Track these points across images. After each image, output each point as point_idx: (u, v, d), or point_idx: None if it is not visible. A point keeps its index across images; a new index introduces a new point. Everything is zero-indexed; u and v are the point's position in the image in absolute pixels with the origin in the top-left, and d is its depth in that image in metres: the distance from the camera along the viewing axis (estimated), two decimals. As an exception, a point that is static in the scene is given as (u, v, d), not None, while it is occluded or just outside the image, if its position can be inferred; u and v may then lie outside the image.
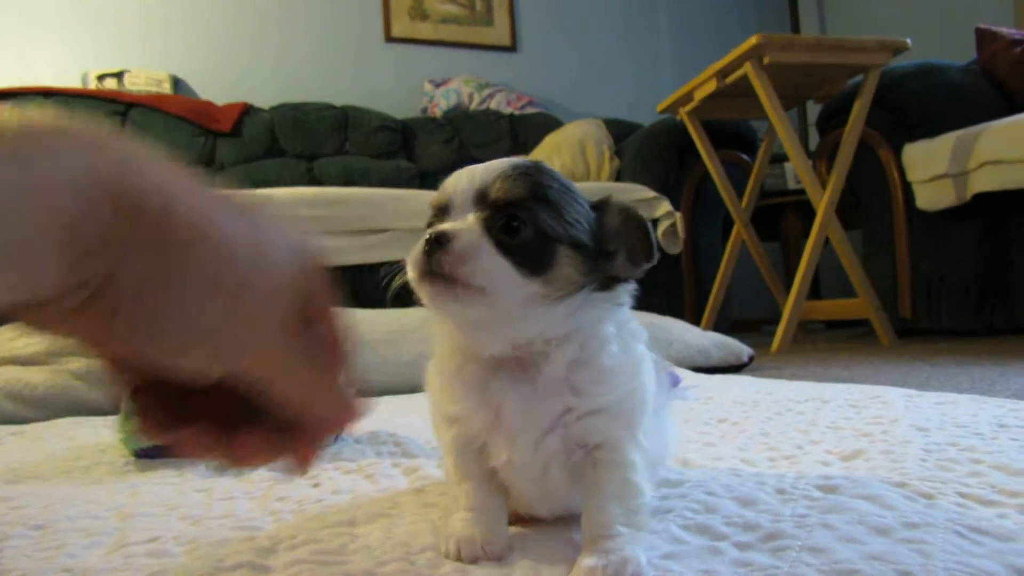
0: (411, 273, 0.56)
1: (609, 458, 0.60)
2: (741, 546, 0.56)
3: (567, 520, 0.66)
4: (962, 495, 0.66)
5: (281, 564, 0.55)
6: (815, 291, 4.83)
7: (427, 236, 0.55)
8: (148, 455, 1.03)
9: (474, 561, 0.55)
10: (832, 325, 4.85)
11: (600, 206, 0.61)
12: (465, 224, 0.56)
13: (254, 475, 0.90)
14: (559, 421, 0.60)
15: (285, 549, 0.58)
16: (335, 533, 0.62)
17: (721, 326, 3.42)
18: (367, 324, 1.98)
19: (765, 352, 2.84)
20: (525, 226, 0.56)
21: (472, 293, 0.55)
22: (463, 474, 0.63)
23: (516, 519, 0.67)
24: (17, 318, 0.37)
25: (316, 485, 0.83)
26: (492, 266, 0.55)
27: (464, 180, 0.59)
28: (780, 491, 0.69)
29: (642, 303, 2.29)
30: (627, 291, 0.63)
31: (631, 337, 0.64)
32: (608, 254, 0.60)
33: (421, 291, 0.56)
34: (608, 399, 0.60)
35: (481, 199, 0.57)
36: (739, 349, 2.24)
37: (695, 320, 3.42)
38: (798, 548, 0.54)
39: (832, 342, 3.48)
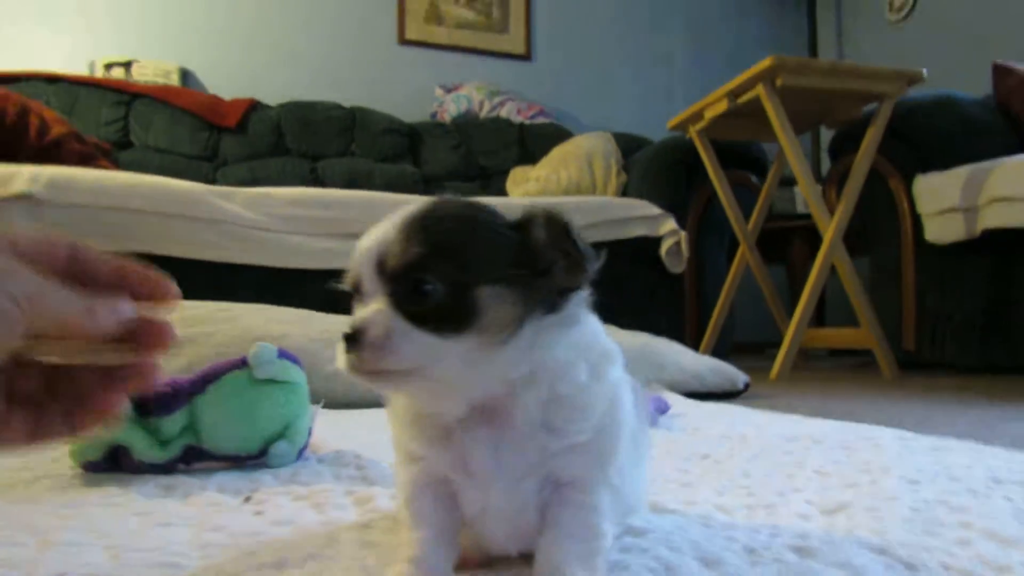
0: (343, 368, 0.53)
1: (575, 498, 0.57)
2: (696, 620, 0.51)
3: (518, 572, 0.60)
4: (946, 567, 0.60)
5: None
6: (820, 318, 4.76)
7: (344, 332, 0.52)
8: (95, 468, 0.98)
9: (397, 621, 0.50)
10: (835, 353, 4.78)
11: (524, 222, 0.56)
12: (373, 311, 0.52)
13: (200, 498, 0.85)
14: (535, 463, 0.56)
15: (197, 595, 0.53)
16: (257, 577, 0.57)
17: (722, 348, 3.36)
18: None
19: (764, 378, 2.78)
20: (433, 286, 0.51)
21: (405, 376, 0.52)
22: (415, 520, 0.58)
23: (465, 564, 0.63)
24: None
25: (259, 514, 0.78)
26: (411, 345, 0.51)
27: (364, 252, 0.54)
28: (750, 551, 0.64)
29: (642, 323, 2.23)
30: (580, 303, 0.58)
31: (604, 360, 0.59)
32: (544, 271, 0.54)
33: (352, 378, 0.53)
34: (586, 436, 0.56)
35: (382, 272, 0.53)
36: (735, 376, 2.18)
37: (696, 341, 3.37)
38: (758, 628, 0.49)
39: (833, 371, 3.42)
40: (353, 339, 0.51)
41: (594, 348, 0.59)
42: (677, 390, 2.05)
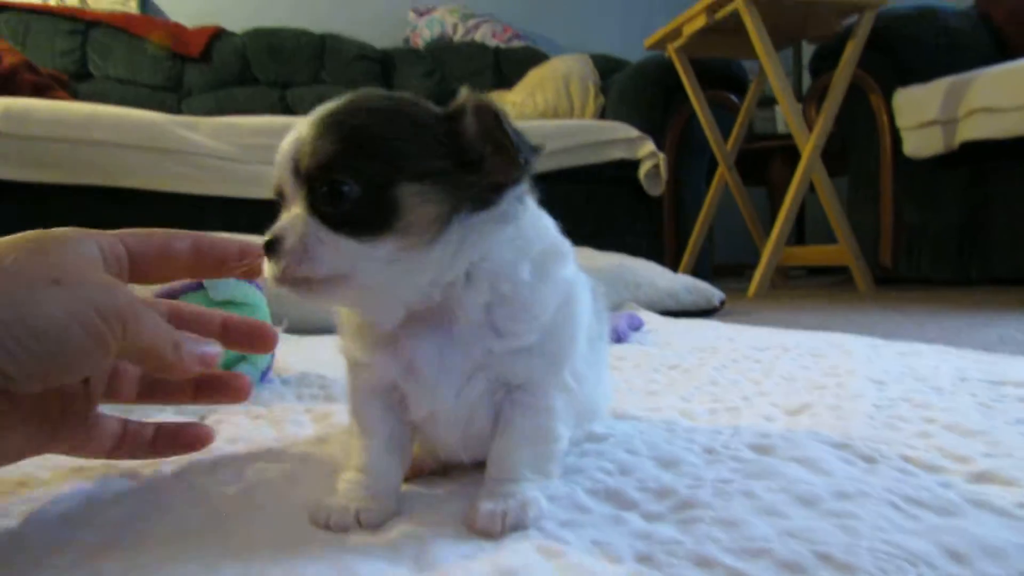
0: (267, 278, 0.50)
1: (528, 401, 0.55)
2: (649, 516, 0.50)
3: (472, 479, 0.59)
4: (906, 458, 0.60)
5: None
6: (799, 237, 4.76)
7: (264, 240, 0.50)
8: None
9: (345, 531, 0.48)
10: (815, 272, 4.80)
11: (454, 113, 0.52)
12: (291, 216, 0.50)
13: (156, 419, 0.83)
14: (481, 364, 0.54)
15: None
16: (206, 489, 0.55)
17: (701, 270, 3.36)
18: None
19: (742, 297, 2.79)
20: (348, 186, 0.48)
21: (327, 284, 0.49)
22: (363, 428, 0.56)
23: (419, 472, 0.62)
24: None
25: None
26: (328, 252, 0.48)
27: (282, 157, 0.51)
28: (709, 450, 0.63)
29: (622, 245, 2.20)
30: (517, 199, 0.53)
31: (550, 258, 0.56)
32: (472, 164, 0.51)
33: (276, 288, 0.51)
34: (534, 337, 0.54)
35: (297, 175, 0.50)
36: (710, 293, 2.17)
37: (675, 263, 3.36)
38: (710, 520, 0.48)
39: (810, 288, 3.44)
40: (272, 247, 0.49)
41: (537, 245, 0.55)
42: (653, 309, 2.04)
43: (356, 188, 0.48)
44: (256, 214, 2.68)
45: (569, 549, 0.44)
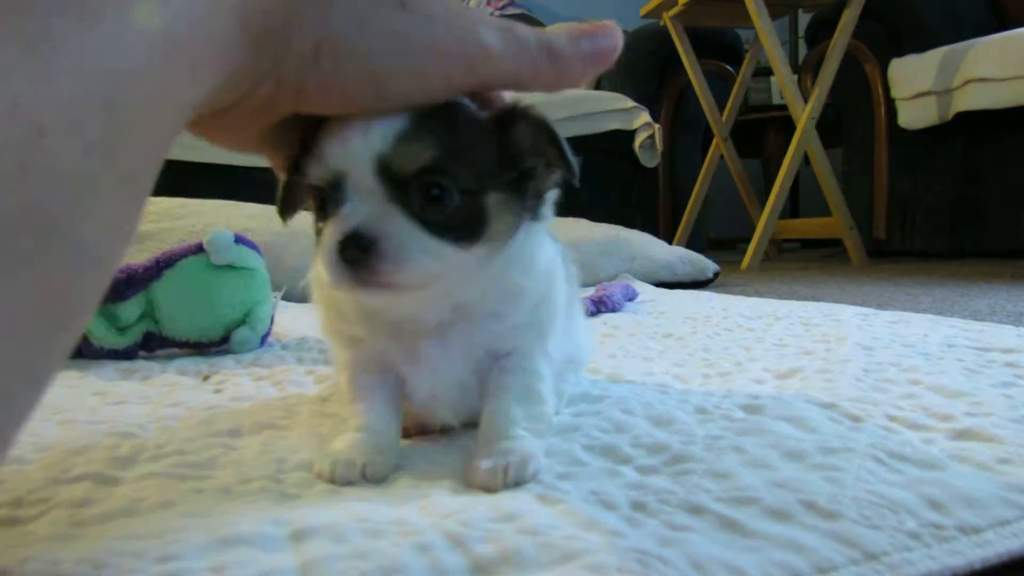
0: (330, 277, 0.48)
1: (517, 364, 0.58)
2: (642, 469, 0.52)
3: (465, 434, 0.61)
4: (891, 418, 0.62)
5: (133, 476, 0.50)
6: (794, 211, 4.77)
7: (341, 237, 0.47)
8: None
9: (349, 484, 0.50)
10: (808, 244, 4.82)
11: (507, 119, 0.52)
12: (378, 216, 0.47)
13: (159, 379, 0.85)
14: (479, 347, 0.57)
15: (147, 460, 0.53)
16: (210, 444, 0.57)
17: (696, 243, 3.37)
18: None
19: (735, 269, 2.81)
20: (448, 192, 0.48)
21: (411, 288, 0.50)
22: (360, 393, 0.58)
23: (415, 431, 0.64)
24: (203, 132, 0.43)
25: (218, 391, 0.78)
26: (431, 258, 0.48)
27: (356, 146, 0.47)
28: (701, 410, 0.65)
29: (616, 217, 2.22)
30: (551, 202, 0.58)
31: (544, 244, 0.60)
32: (527, 171, 0.53)
33: (342, 290, 0.50)
34: (524, 317, 0.58)
35: (386, 173, 0.47)
36: (704, 264, 2.19)
37: (670, 235, 3.37)
38: (701, 472, 0.50)
39: (804, 261, 3.46)
40: (357, 246, 0.46)
41: (546, 240, 0.59)
42: (648, 280, 2.06)
43: (455, 195, 0.49)
44: (253, 183, 2.68)
45: (567, 497, 0.45)
